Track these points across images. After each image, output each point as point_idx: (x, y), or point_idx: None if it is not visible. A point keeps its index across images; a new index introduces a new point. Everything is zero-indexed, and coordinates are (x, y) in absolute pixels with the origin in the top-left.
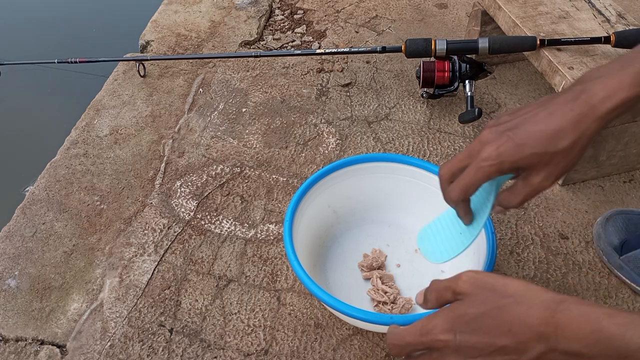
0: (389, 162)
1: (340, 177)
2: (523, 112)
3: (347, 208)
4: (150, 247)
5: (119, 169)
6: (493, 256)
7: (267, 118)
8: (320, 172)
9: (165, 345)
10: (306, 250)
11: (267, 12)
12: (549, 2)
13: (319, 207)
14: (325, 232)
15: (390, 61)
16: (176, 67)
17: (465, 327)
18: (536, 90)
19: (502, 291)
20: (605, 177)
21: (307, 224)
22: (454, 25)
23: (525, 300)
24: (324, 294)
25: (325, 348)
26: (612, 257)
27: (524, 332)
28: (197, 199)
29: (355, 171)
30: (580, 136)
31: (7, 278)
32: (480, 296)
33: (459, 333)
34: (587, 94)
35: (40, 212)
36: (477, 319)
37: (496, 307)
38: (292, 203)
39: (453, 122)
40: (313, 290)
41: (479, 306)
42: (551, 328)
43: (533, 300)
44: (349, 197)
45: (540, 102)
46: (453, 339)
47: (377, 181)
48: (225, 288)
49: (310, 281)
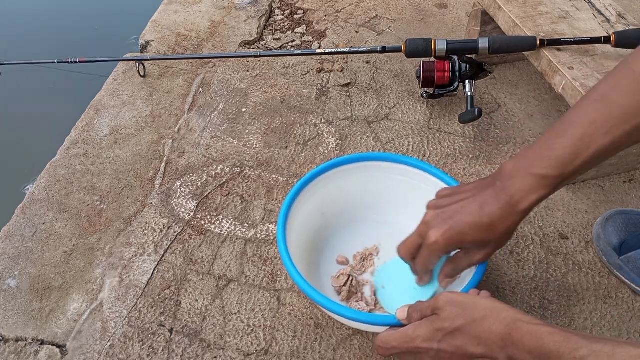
0: (376, 161)
1: (327, 179)
2: (459, 198)
3: (335, 210)
4: (150, 247)
5: (119, 169)
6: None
7: (267, 118)
8: (307, 177)
9: (165, 345)
10: (301, 255)
11: (267, 12)
12: (549, 2)
13: (308, 211)
14: (316, 236)
15: (390, 61)
16: (176, 67)
17: (443, 339)
18: (536, 90)
19: (472, 309)
20: (605, 177)
21: (299, 230)
22: (454, 25)
23: (490, 316)
24: (323, 299)
25: (325, 348)
26: (611, 257)
27: (490, 343)
28: (197, 199)
29: (342, 172)
30: (508, 227)
31: (7, 278)
32: (454, 313)
33: (437, 342)
34: (507, 195)
35: (40, 212)
36: (452, 333)
37: (467, 323)
38: (283, 209)
39: (453, 122)
40: (312, 295)
41: (453, 322)
42: (509, 341)
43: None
44: (335, 200)
45: (472, 190)
46: (433, 347)
47: (365, 181)
48: (225, 288)
49: (309, 287)
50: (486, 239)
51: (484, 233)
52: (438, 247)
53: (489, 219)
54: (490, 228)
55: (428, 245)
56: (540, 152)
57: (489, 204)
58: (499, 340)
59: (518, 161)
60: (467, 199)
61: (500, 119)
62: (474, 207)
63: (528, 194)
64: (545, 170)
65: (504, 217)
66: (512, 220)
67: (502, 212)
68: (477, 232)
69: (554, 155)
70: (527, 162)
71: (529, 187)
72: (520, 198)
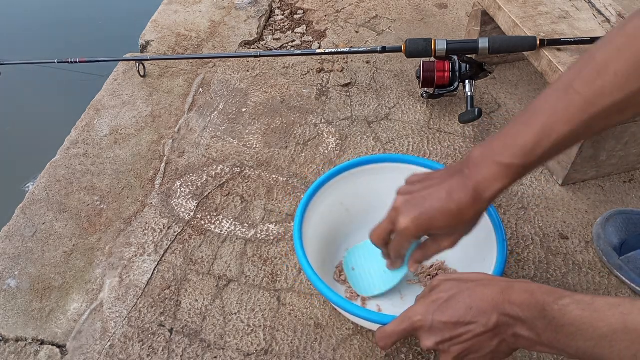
0: (404, 163)
1: (354, 175)
2: (429, 184)
3: (360, 207)
4: (150, 247)
5: (119, 169)
6: (502, 264)
7: (267, 118)
8: (334, 170)
9: (165, 345)
10: (316, 247)
11: (267, 12)
12: (549, 2)
13: (331, 204)
14: (336, 230)
15: (390, 61)
16: (176, 67)
17: (437, 309)
18: (536, 90)
19: (465, 280)
20: (605, 177)
21: (319, 221)
22: (454, 25)
23: (483, 283)
24: (328, 291)
25: (325, 348)
26: (611, 257)
27: (483, 307)
28: (197, 199)
29: (370, 170)
30: (475, 213)
31: (7, 278)
32: (448, 285)
33: (431, 315)
34: (473, 182)
35: (40, 212)
36: (446, 302)
37: (460, 292)
38: (305, 199)
39: (453, 122)
40: (317, 284)
41: (447, 292)
42: (501, 299)
43: (489, 284)
44: (362, 196)
45: (441, 176)
46: (427, 319)
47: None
48: (225, 288)
49: (316, 277)
50: (454, 225)
51: (452, 219)
52: (409, 232)
53: (456, 206)
54: (458, 214)
55: (399, 231)
56: (505, 140)
57: (456, 191)
58: (491, 302)
59: (485, 149)
60: (436, 185)
61: (500, 119)
62: (442, 194)
63: (492, 183)
64: (509, 159)
65: (470, 205)
66: (479, 207)
67: (469, 199)
68: (446, 218)
69: (517, 145)
70: (493, 151)
71: (493, 176)
72: (485, 187)
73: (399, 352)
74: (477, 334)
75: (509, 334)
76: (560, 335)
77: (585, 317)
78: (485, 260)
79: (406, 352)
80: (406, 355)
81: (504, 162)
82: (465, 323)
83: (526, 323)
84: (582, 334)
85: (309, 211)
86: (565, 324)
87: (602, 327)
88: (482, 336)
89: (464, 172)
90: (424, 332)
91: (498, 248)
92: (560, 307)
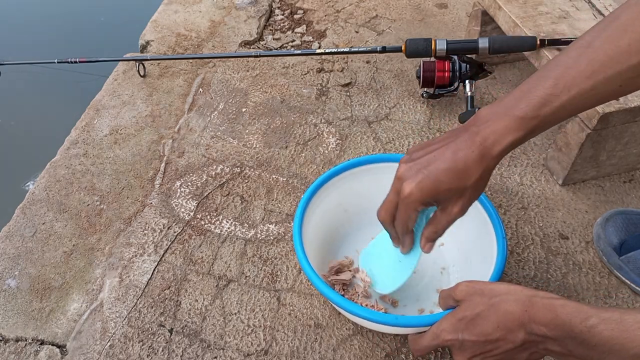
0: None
1: (354, 175)
2: (431, 149)
3: (360, 207)
4: (150, 247)
5: (118, 169)
6: (502, 262)
7: (267, 118)
8: (334, 170)
9: (165, 346)
10: (316, 247)
11: (267, 12)
12: (549, 2)
13: (331, 204)
14: (336, 230)
15: (390, 61)
16: (176, 67)
17: (465, 328)
18: None
19: (489, 294)
20: (605, 177)
21: (318, 222)
22: (454, 25)
23: (507, 299)
24: (327, 290)
25: (325, 348)
26: (611, 257)
27: (509, 325)
28: (197, 199)
29: (370, 170)
30: (483, 172)
31: (7, 278)
32: (474, 301)
33: (460, 333)
34: (481, 137)
35: (40, 212)
36: (473, 320)
37: (486, 309)
38: (304, 199)
39: (453, 122)
40: (317, 284)
41: (473, 309)
42: (526, 318)
43: (512, 299)
44: (362, 196)
45: (444, 139)
46: (457, 338)
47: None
48: (225, 288)
49: (316, 277)
50: (462, 185)
51: (459, 179)
52: (414, 198)
53: (463, 164)
54: (465, 173)
55: (403, 199)
56: (520, 94)
57: (462, 149)
58: (516, 321)
59: (494, 106)
60: (441, 147)
61: None
62: (447, 154)
63: (503, 136)
64: (523, 111)
65: (477, 161)
66: (487, 164)
67: (476, 155)
68: (452, 178)
69: (533, 96)
70: (504, 105)
71: (504, 129)
72: (495, 140)
73: (399, 352)
74: (506, 350)
75: (540, 348)
76: (593, 352)
77: (615, 338)
78: (485, 260)
79: (406, 352)
80: (406, 355)
81: (517, 114)
82: (493, 340)
83: (556, 340)
84: (614, 354)
85: (308, 211)
86: (597, 344)
87: (633, 347)
88: (512, 351)
89: (470, 129)
90: (455, 349)
91: (498, 248)
92: (589, 328)
